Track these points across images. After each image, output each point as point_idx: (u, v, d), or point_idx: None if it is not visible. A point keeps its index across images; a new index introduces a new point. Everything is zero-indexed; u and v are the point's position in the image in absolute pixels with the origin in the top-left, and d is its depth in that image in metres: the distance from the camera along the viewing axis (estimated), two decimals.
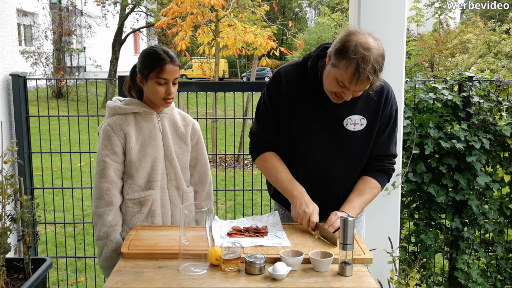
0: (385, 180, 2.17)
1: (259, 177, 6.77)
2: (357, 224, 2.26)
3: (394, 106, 2.12)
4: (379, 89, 2.04)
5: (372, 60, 1.81)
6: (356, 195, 2.09)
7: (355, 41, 1.83)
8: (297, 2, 36.91)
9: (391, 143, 2.16)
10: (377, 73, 1.83)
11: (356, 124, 2.05)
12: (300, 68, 2.09)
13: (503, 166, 3.24)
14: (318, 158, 2.09)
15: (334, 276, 1.65)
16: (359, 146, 2.09)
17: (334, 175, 2.11)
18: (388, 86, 2.11)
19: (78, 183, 6.56)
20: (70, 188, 3.71)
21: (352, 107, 2.04)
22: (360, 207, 2.08)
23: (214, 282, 1.59)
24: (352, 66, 1.81)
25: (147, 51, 2.13)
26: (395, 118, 2.13)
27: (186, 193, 2.23)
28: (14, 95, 3.18)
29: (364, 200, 2.09)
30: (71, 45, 17.38)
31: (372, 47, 1.82)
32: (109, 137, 2.09)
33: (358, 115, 2.05)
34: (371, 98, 2.05)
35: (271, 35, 7.94)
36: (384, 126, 2.11)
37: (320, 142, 2.07)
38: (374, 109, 2.06)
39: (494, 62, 10.80)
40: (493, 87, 3.28)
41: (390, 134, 2.14)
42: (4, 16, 3.15)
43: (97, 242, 2.13)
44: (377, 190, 2.14)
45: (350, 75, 1.83)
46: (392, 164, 2.19)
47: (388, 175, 2.18)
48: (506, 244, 3.27)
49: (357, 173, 2.15)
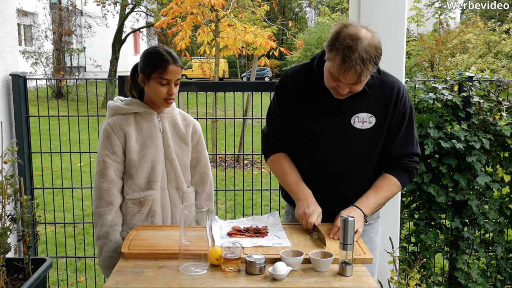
0: (406, 178, 2.11)
1: (259, 177, 6.77)
2: (371, 231, 2.20)
3: (408, 104, 2.07)
4: (389, 86, 2.02)
5: (359, 49, 1.77)
6: (373, 191, 2.06)
7: (345, 32, 1.82)
8: (297, 2, 36.92)
9: (410, 141, 2.10)
10: (365, 62, 1.79)
11: (364, 122, 2.01)
12: (308, 67, 2.09)
13: (503, 166, 3.24)
14: (325, 156, 2.07)
15: (334, 276, 1.65)
16: (368, 144, 2.05)
17: (342, 173, 2.08)
18: (399, 83, 2.07)
19: (78, 183, 6.56)
20: (70, 188, 3.70)
21: (360, 105, 2.01)
22: (376, 204, 2.05)
23: (214, 282, 1.59)
24: (339, 56, 1.80)
25: (149, 51, 2.13)
26: (410, 116, 2.08)
27: (186, 193, 2.23)
28: (14, 95, 3.18)
29: (381, 197, 2.05)
30: (71, 45, 17.37)
31: (361, 37, 1.80)
32: (109, 137, 2.09)
33: (366, 113, 2.01)
34: (380, 95, 2.01)
35: (271, 35, 7.94)
36: (399, 124, 2.06)
37: (327, 140, 2.05)
38: (383, 107, 2.02)
39: (494, 62, 10.81)
40: (493, 87, 3.28)
41: (408, 132, 2.08)
42: (4, 16, 3.15)
43: (97, 241, 2.13)
44: (396, 188, 2.09)
45: (338, 65, 1.81)
46: (414, 162, 2.12)
47: (409, 173, 2.11)
48: (506, 244, 3.27)
49: (368, 170, 2.11)
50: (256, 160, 8.34)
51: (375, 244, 2.23)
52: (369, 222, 2.17)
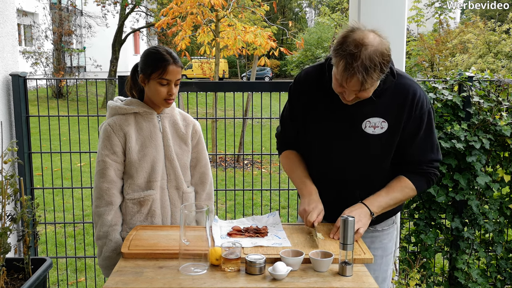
0: (422, 183, 2.03)
1: (259, 177, 6.77)
2: (385, 236, 2.14)
3: (425, 108, 1.95)
4: (404, 90, 1.93)
5: (362, 57, 1.70)
6: (385, 191, 2.00)
7: (351, 37, 1.74)
8: (297, 2, 36.91)
9: (429, 147, 2.00)
10: (368, 70, 1.71)
11: (376, 127, 1.93)
12: (320, 68, 2.02)
13: (503, 166, 3.24)
14: (333, 160, 2.03)
15: (334, 276, 1.65)
16: (380, 149, 1.97)
17: (350, 178, 2.03)
18: (415, 87, 1.95)
19: (78, 183, 6.56)
20: (70, 188, 3.71)
21: (372, 109, 1.93)
22: (386, 204, 1.99)
23: (214, 282, 1.59)
24: (342, 62, 1.74)
25: (150, 51, 2.13)
26: (428, 121, 1.97)
27: (186, 193, 2.23)
28: (14, 95, 3.18)
29: (391, 198, 1.99)
30: (71, 45, 17.38)
31: (367, 44, 1.72)
32: (109, 137, 2.09)
33: (378, 118, 1.93)
34: (395, 99, 1.92)
35: (271, 35, 7.94)
36: (415, 130, 1.95)
37: (336, 144, 2.00)
38: (397, 111, 1.93)
39: (494, 62, 10.80)
40: (493, 87, 3.28)
41: (425, 138, 1.98)
42: (4, 16, 3.15)
43: (97, 241, 2.13)
44: (411, 191, 2.02)
45: (341, 72, 1.76)
46: (434, 168, 2.03)
47: (427, 178, 2.03)
48: (506, 244, 3.27)
49: (379, 177, 2.04)
50: (256, 160, 8.34)
51: (387, 250, 2.16)
52: (382, 228, 2.12)
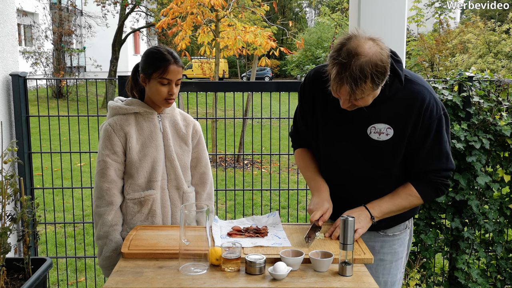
0: (429, 192, 1.98)
1: (259, 177, 6.77)
2: (396, 241, 2.09)
3: (435, 116, 1.87)
4: (413, 96, 1.86)
5: (352, 67, 1.66)
6: (389, 197, 1.97)
7: (346, 45, 1.71)
8: (297, 2, 36.92)
9: (438, 156, 1.92)
10: (357, 81, 1.67)
11: (381, 134, 1.88)
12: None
13: (503, 166, 3.24)
14: (339, 165, 2.01)
15: (334, 276, 1.65)
16: (385, 157, 1.92)
17: (355, 185, 2.01)
18: (425, 94, 1.87)
19: (78, 183, 6.56)
20: (70, 188, 3.70)
21: (378, 115, 1.88)
22: (389, 210, 1.96)
23: (214, 282, 1.59)
24: (334, 71, 1.71)
25: (151, 50, 2.13)
26: (438, 129, 1.88)
27: (186, 193, 2.23)
28: (14, 95, 3.18)
29: (395, 204, 1.96)
30: (71, 45, 17.39)
31: (360, 53, 1.67)
32: (109, 137, 2.09)
33: (383, 124, 1.88)
34: (402, 105, 1.86)
35: (271, 35, 7.94)
36: (423, 138, 1.88)
37: (341, 149, 1.97)
38: (404, 118, 1.86)
39: (494, 62, 10.81)
40: (493, 87, 3.28)
41: (433, 146, 1.90)
42: (4, 16, 3.15)
43: (97, 241, 2.13)
44: (416, 199, 1.97)
45: (332, 80, 1.73)
46: (443, 178, 1.96)
47: (435, 188, 1.97)
48: (506, 244, 3.27)
49: (387, 183, 1.99)
50: (256, 160, 8.34)
51: (397, 255, 2.11)
52: (393, 233, 2.09)
